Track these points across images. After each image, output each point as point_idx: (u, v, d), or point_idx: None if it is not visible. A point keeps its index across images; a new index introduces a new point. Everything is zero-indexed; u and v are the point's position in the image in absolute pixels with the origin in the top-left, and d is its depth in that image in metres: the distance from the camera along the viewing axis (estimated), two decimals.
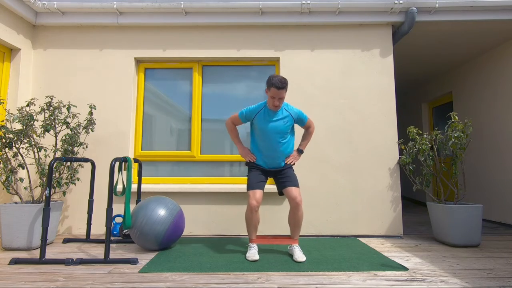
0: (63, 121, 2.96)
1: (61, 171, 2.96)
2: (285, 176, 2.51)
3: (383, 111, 3.34)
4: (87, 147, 3.27)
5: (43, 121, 2.92)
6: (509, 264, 2.28)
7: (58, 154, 3.12)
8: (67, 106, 2.99)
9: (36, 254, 2.49)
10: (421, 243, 2.94)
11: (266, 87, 2.42)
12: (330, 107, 3.36)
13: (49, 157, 3.27)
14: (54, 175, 2.93)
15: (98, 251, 2.60)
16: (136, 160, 3.00)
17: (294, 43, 3.44)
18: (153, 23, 3.40)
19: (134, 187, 3.17)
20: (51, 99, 2.99)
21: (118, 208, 3.25)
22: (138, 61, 3.56)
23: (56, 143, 2.97)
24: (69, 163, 3.05)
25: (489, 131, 4.11)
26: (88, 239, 2.91)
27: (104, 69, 3.44)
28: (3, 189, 3.05)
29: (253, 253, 2.38)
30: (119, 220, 3.19)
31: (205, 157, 3.44)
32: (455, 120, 2.99)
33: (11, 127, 2.73)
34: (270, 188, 3.12)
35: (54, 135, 2.97)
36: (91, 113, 3.11)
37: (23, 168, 2.81)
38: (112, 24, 3.43)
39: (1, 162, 2.71)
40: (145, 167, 3.45)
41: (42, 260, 2.27)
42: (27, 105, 2.82)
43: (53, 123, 2.94)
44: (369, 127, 3.32)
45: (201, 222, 3.25)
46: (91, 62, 3.45)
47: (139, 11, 3.36)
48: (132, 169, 2.78)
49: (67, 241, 2.90)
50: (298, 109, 2.57)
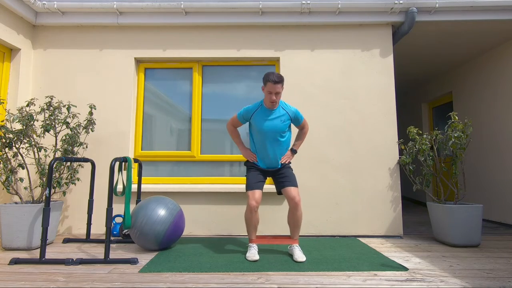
0: (63, 121, 2.97)
1: (61, 171, 2.96)
2: (283, 176, 2.51)
3: (383, 111, 3.34)
4: (87, 147, 3.27)
5: (43, 121, 2.92)
6: (509, 264, 2.28)
7: (58, 154, 3.12)
8: (67, 106, 2.99)
9: (36, 254, 2.49)
10: (421, 243, 2.95)
11: (263, 84, 2.45)
12: (330, 107, 3.36)
13: (49, 157, 3.27)
14: (54, 175, 2.93)
15: (98, 251, 2.60)
16: (136, 160, 3.00)
17: (294, 43, 3.44)
18: (153, 23, 3.40)
19: (134, 187, 3.17)
20: (51, 99, 2.99)
21: (118, 208, 3.25)
22: (138, 61, 3.56)
23: (56, 143, 2.97)
24: (69, 163, 3.05)
25: (489, 131, 4.10)
26: (88, 239, 2.91)
27: (104, 69, 3.44)
28: (3, 189, 3.06)
29: (253, 253, 2.38)
30: (119, 220, 3.19)
31: (205, 157, 3.45)
32: (455, 120, 2.99)
33: (11, 127, 2.73)
34: (269, 188, 3.12)
35: (54, 135, 2.97)
36: (91, 113, 3.11)
37: (23, 168, 2.81)
38: (112, 24, 3.43)
39: (1, 162, 2.71)
40: (145, 167, 3.45)
41: (42, 260, 2.27)
42: (27, 105, 2.82)
43: (53, 123, 2.94)
44: (369, 127, 3.32)
45: (201, 222, 3.26)
46: (91, 62, 3.45)
47: (139, 11, 3.36)
48: (132, 169, 2.78)
49: (67, 241, 2.90)
50: (295, 108, 2.56)
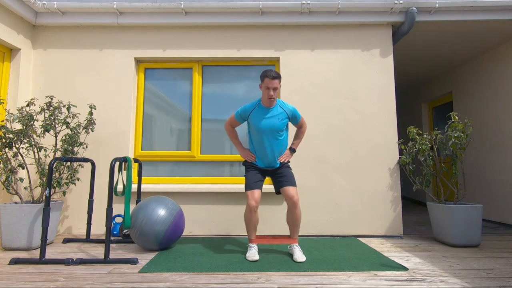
0: (63, 121, 2.97)
1: (61, 171, 2.96)
2: (282, 176, 2.51)
3: (383, 111, 3.34)
4: (87, 147, 3.27)
5: (43, 121, 2.92)
6: (509, 264, 2.28)
7: (58, 154, 3.12)
8: (67, 106, 2.99)
9: (36, 254, 2.49)
10: (421, 243, 2.94)
11: (260, 82, 2.46)
12: (330, 107, 3.36)
13: (49, 157, 3.27)
14: (54, 175, 2.93)
15: (98, 251, 2.60)
16: (136, 160, 3.00)
17: (294, 43, 3.44)
18: (153, 23, 3.40)
19: (134, 187, 3.17)
20: (51, 99, 2.99)
21: (118, 208, 3.25)
22: (138, 61, 3.56)
23: (56, 143, 2.97)
24: (69, 163, 3.05)
25: (489, 131, 4.10)
26: (88, 239, 2.91)
27: (104, 69, 3.44)
28: (3, 189, 3.05)
29: (253, 253, 2.38)
30: (119, 220, 3.19)
31: (205, 157, 3.45)
32: (455, 120, 2.99)
33: (11, 127, 2.73)
34: (269, 188, 3.12)
35: (54, 135, 2.97)
36: (91, 113, 3.11)
37: (23, 168, 2.81)
38: (112, 24, 3.43)
39: (1, 162, 2.71)
40: (145, 167, 3.45)
41: (42, 260, 2.27)
42: (27, 105, 2.82)
43: (53, 123, 2.94)
44: (369, 127, 3.32)
45: (201, 222, 3.26)
46: (91, 62, 3.45)
47: (139, 11, 3.36)
48: (132, 169, 2.78)
49: (67, 241, 2.90)
50: (292, 107, 2.56)
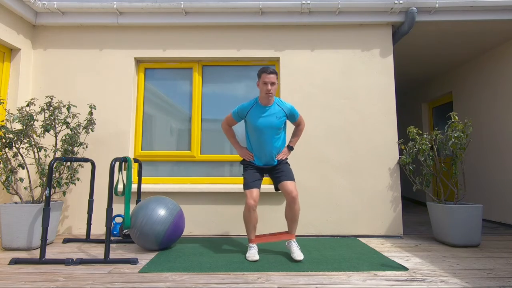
0: (63, 121, 2.97)
1: (61, 171, 2.96)
2: (280, 171, 2.51)
3: (383, 111, 3.34)
4: (87, 147, 3.27)
5: (43, 121, 2.92)
6: (509, 264, 2.28)
7: (58, 154, 3.12)
8: (67, 106, 2.99)
9: (36, 254, 2.49)
10: (421, 243, 2.94)
11: (257, 80, 2.47)
12: (330, 107, 3.36)
13: (49, 157, 3.27)
14: (54, 175, 2.93)
15: (98, 251, 2.60)
16: (136, 160, 3.00)
17: (294, 43, 3.44)
18: (153, 23, 3.40)
19: (134, 187, 3.17)
20: (51, 99, 2.99)
21: (118, 208, 3.25)
22: (138, 61, 3.56)
23: (56, 143, 2.97)
24: (69, 163, 3.05)
25: (489, 131, 4.10)
26: (88, 239, 2.91)
27: (104, 69, 3.44)
28: (3, 189, 3.06)
29: (253, 253, 2.38)
30: (119, 220, 3.19)
31: (205, 157, 3.45)
32: (455, 120, 2.99)
33: (11, 127, 2.73)
34: (268, 188, 3.12)
35: (54, 135, 2.97)
36: (91, 113, 3.11)
37: (23, 168, 2.81)
38: (112, 24, 3.43)
39: (1, 162, 2.71)
40: (145, 167, 3.45)
41: (42, 260, 2.27)
42: (27, 105, 2.82)
43: (53, 123, 2.94)
44: (369, 127, 3.32)
45: (201, 222, 3.25)
46: (91, 62, 3.45)
47: (139, 11, 3.36)
48: (132, 169, 2.78)
49: (67, 241, 2.90)
50: (290, 105, 2.56)
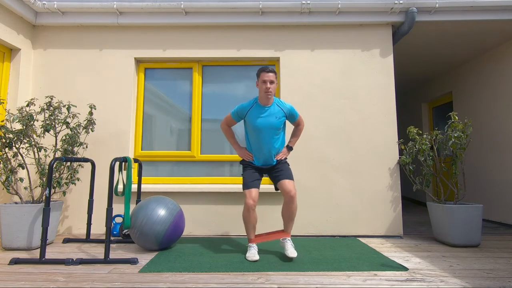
0: (63, 121, 2.97)
1: (61, 171, 2.96)
2: (279, 170, 2.52)
3: (383, 111, 3.34)
4: (87, 147, 3.27)
5: (43, 121, 2.92)
6: (509, 264, 2.28)
7: (58, 154, 3.12)
8: (67, 106, 2.99)
9: (36, 254, 2.49)
10: (421, 243, 2.94)
11: (257, 80, 2.49)
12: (330, 107, 3.36)
13: (49, 157, 3.27)
14: (54, 175, 2.93)
15: (98, 251, 2.60)
16: (136, 160, 3.00)
17: (294, 43, 3.44)
18: (153, 23, 3.40)
19: (134, 187, 3.17)
20: (51, 99, 2.99)
21: (118, 208, 3.25)
22: (138, 61, 3.56)
23: (56, 143, 2.97)
24: (69, 163, 3.05)
25: (489, 131, 4.10)
26: (88, 239, 2.91)
27: (104, 69, 3.44)
28: (3, 189, 3.05)
29: (253, 253, 2.38)
30: (119, 220, 3.19)
31: (205, 157, 3.45)
32: (455, 120, 2.99)
33: (11, 127, 2.73)
34: (268, 188, 3.12)
35: (54, 135, 2.97)
36: (91, 113, 3.11)
37: (23, 168, 2.81)
38: (112, 24, 3.43)
39: (1, 162, 2.71)
40: (145, 167, 3.45)
41: (42, 260, 2.27)
42: (27, 105, 2.82)
43: (53, 123, 2.94)
44: (369, 127, 3.32)
45: (201, 222, 3.26)
46: (91, 62, 3.45)
47: (139, 11, 3.36)
48: (132, 169, 2.78)
49: (67, 241, 2.90)
50: (290, 105, 2.56)
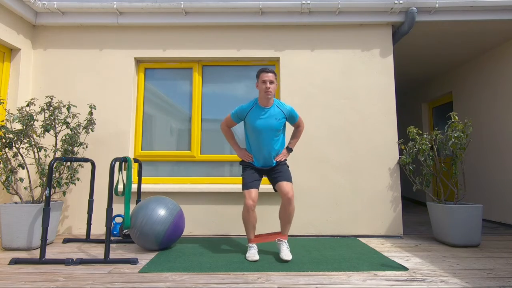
0: (63, 121, 2.97)
1: (61, 171, 2.96)
2: (278, 172, 2.52)
3: (383, 111, 3.34)
4: (87, 147, 3.27)
5: (43, 121, 2.92)
6: (509, 264, 2.28)
7: (58, 154, 3.12)
8: (67, 106, 2.99)
9: (36, 254, 2.49)
10: (421, 243, 2.94)
11: (256, 81, 2.49)
12: (330, 107, 3.36)
13: (49, 157, 3.27)
14: (54, 175, 2.93)
15: (98, 251, 2.60)
16: (136, 160, 3.00)
17: (294, 43, 3.44)
18: (153, 23, 3.40)
19: (134, 187, 3.17)
20: (51, 99, 2.99)
21: (118, 208, 3.25)
22: (138, 61, 3.56)
23: (56, 143, 2.97)
24: (69, 163, 3.05)
25: (489, 131, 4.10)
26: (88, 239, 2.91)
27: (104, 69, 3.44)
28: (3, 189, 3.05)
29: (253, 253, 2.38)
30: (119, 220, 3.19)
31: (205, 157, 3.45)
32: (455, 120, 2.99)
33: (11, 127, 2.73)
34: (268, 188, 3.12)
35: (54, 135, 2.97)
36: (91, 113, 3.11)
37: (23, 168, 2.81)
38: (112, 24, 3.43)
39: (1, 162, 2.71)
40: (145, 167, 3.45)
41: (42, 260, 2.27)
42: (27, 105, 2.82)
43: (53, 123, 2.94)
44: (369, 127, 3.32)
45: (201, 222, 3.25)
46: (91, 62, 3.45)
47: (139, 11, 3.36)
48: (132, 169, 2.78)
49: (67, 241, 2.90)
50: (290, 106, 2.56)
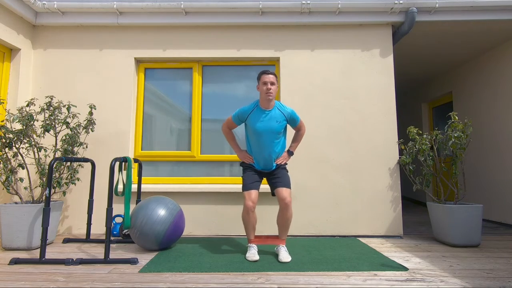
0: (63, 121, 2.97)
1: (61, 171, 2.96)
2: (277, 177, 2.51)
3: (383, 111, 3.34)
4: (87, 147, 3.27)
5: (43, 121, 2.92)
6: (509, 264, 2.28)
7: (58, 154, 3.12)
8: (67, 106, 2.99)
9: (36, 254, 2.49)
10: (421, 243, 2.94)
11: (257, 83, 2.50)
12: (330, 107, 3.36)
13: (49, 157, 3.27)
14: (54, 175, 2.93)
15: (98, 251, 2.60)
16: (136, 160, 3.00)
17: (294, 43, 3.44)
18: (153, 23, 3.40)
19: (134, 187, 3.17)
20: (51, 99, 2.99)
21: (118, 208, 3.25)
22: (138, 61, 3.56)
23: (56, 143, 2.97)
24: (69, 163, 3.05)
25: (489, 131, 4.10)
26: (88, 239, 2.91)
27: (104, 69, 3.44)
28: (3, 189, 3.05)
29: (253, 253, 2.38)
30: (119, 220, 3.19)
31: (205, 157, 3.45)
32: (455, 120, 2.99)
33: (11, 127, 2.73)
34: (268, 188, 3.10)
35: (54, 135, 2.97)
36: (91, 113, 3.11)
37: (23, 168, 2.81)
38: (112, 24, 3.43)
39: (1, 162, 2.71)
40: (145, 167, 3.45)
41: (42, 260, 2.27)
42: (27, 105, 2.82)
43: (53, 123, 2.94)
44: (369, 127, 3.32)
45: (201, 222, 3.25)
46: (91, 62, 3.45)
47: (139, 11, 3.36)
48: (132, 169, 2.78)
49: (67, 241, 2.90)
50: (291, 109, 2.55)
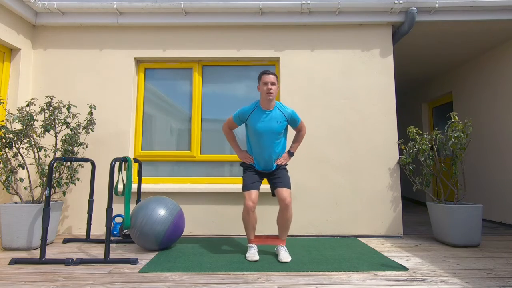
0: (63, 121, 2.97)
1: (61, 171, 2.96)
2: (277, 177, 2.51)
3: (383, 111, 3.34)
4: (87, 147, 3.27)
5: (43, 121, 2.92)
6: (509, 264, 2.28)
7: (58, 154, 3.12)
8: (67, 106, 2.99)
9: (36, 254, 2.49)
10: (421, 243, 2.94)
11: (258, 84, 2.50)
12: (330, 107, 3.36)
13: (49, 157, 3.27)
14: (54, 175, 2.93)
15: (98, 251, 2.60)
16: (136, 160, 3.00)
17: (294, 43, 3.44)
18: (153, 23, 3.40)
19: (134, 187, 3.17)
20: (51, 99, 2.99)
21: (118, 208, 3.25)
22: (138, 61, 3.56)
23: (56, 143, 2.97)
24: (69, 163, 3.05)
25: (489, 131, 4.10)
26: (88, 239, 2.91)
27: (104, 69, 3.44)
28: (3, 189, 3.05)
29: (253, 253, 2.38)
30: (119, 220, 3.19)
31: (205, 157, 3.45)
32: (455, 120, 2.99)
33: (11, 127, 2.73)
34: (268, 188, 3.11)
35: (54, 135, 2.97)
36: (91, 113, 3.11)
37: (23, 168, 2.81)
38: (112, 24, 3.43)
39: (1, 162, 2.71)
40: (145, 167, 3.45)
41: (42, 260, 2.27)
42: (27, 105, 2.82)
43: (53, 123, 2.94)
44: (369, 127, 3.32)
45: (201, 222, 3.26)
46: (91, 62, 3.45)
47: (139, 11, 3.36)
48: (132, 169, 2.78)
49: (67, 241, 2.90)
50: (291, 110, 2.55)
